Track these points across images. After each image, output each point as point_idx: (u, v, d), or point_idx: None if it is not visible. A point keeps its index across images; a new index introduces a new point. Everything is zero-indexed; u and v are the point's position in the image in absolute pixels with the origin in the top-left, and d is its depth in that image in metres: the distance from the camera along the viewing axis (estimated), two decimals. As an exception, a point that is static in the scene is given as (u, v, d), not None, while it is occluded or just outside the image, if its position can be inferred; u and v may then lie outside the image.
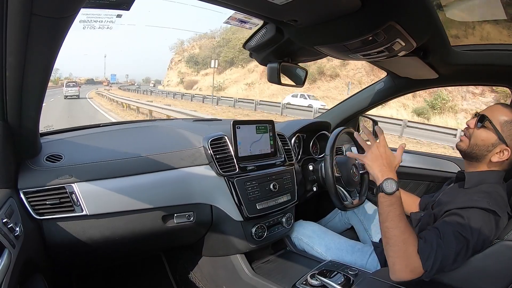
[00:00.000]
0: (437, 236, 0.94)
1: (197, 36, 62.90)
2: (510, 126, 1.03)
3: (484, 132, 1.06)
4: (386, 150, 1.10)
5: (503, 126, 1.04)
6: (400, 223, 0.96)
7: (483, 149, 1.07)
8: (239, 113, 18.02)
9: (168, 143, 1.39)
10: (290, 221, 1.59)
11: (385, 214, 1.00)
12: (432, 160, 1.93)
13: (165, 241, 1.45)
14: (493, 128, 1.04)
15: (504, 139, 1.03)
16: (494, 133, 1.04)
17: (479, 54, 1.33)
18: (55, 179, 1.08)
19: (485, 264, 0.96)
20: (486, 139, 1.06)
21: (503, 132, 1.03)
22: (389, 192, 1.00)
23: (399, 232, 0.95)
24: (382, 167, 1.06)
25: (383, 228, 1.00)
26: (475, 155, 1.09)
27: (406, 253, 0.93)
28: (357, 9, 0.84)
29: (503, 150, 1.04)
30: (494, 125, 1.04)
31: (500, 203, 0.98)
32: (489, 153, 1.06)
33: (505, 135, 1.03)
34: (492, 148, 1.06)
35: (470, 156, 1.11)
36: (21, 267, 0.84)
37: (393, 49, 1.08)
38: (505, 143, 1.03)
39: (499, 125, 1.04)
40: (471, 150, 1.10)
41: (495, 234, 0.96)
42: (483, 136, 1.07)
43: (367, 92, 2.02)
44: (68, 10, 0.70)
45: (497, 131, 1.04)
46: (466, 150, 1.11)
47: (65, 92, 28.49)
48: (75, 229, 1.11)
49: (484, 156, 1.07)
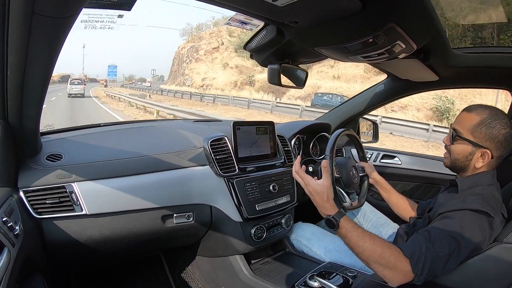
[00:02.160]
0: (426, 240, 0.94)
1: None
2: (479, 129, 1.03)
3: (459, 146, 1.07)
4: (312, 185, 1.04)
5: (473, 132, 1.04)
6: (365, 245, 0.96)
7: (463, 161, 1.08)
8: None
9: (168, 143, 1.40)
10: (290, 222, 1.59)
11: (348, 245, 1.00)
12: (432, 162, 1.93)
13: (164, 241, 1.45)
14: (464, 139, 1.05)
15: (478, 143, 1.03)
16: (467, 143, 1.05)
17: (480, 57, 1.33)
18: (55, 178, 1.08)
19: (484, 266, 0.96)
20: (462, 151, 1.07)
21: (475, 137, 1.04)
22: (333, 229, 1.00)
23: (369, 252, 0.95)
24: (318, 205, 1.04)
25: (356, 255, 1.00)
26: (459, 167, 1.11)
27: (388, 263, 0.93)
28: (357, 11, 0.84)
29: (483, 153, 1.04)
30: (463, 137, 1.05)
31: (493, 204, 0.98)
32: (470, 162, 1.07)
33: (478, 139, 1.03)
34: (471, 156, 1.06)
35: (456, 169, 1.13)
36: (20, 266, 0.84)
37: (394, 51, 1.08)
38: (482, 146, 1.03)
39: (469, 133, 1.05)
40: (454, 164, 1.11)
41: (490, 235, 0.96)
42: (458, 150, 1.08)
43: (367, 94, 2.02)
44: (70, 10, 0.70)
45: (468, 140, 1.05)
46: (451, 166, 1.13)
47: (69, 90, 26.02)
48: (75, 228, 1.12)
49: (467, 165, 1.08)
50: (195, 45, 44.51)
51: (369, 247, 0.95)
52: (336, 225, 0.98)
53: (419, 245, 0.93)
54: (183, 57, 46.21)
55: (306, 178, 1.06)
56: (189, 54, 44.36)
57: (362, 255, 0.97)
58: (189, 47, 45.86)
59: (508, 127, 1.02)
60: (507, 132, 1.02)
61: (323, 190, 1.01)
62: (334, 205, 1.02)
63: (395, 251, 0.94)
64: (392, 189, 1.49)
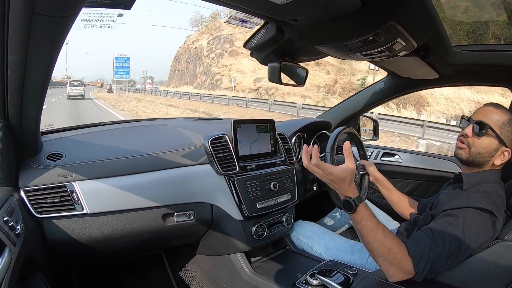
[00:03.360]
0: (429, 238, 0.94)
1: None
2: (507, 128, 1.03)
3: (486, 140, 1.04)
4: (336, 173, 1.00)
5: (501, 129, 1.03)
6: (376, 236, 0.95)
7: (486, 156, 1.05)
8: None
9: (169, 142, 1.40)
10: (290, 220, 1.59)
11: (358, 231, 0.99)
12: (432, 160, 1.93)
13: (165, 240, 1.45)
14: (494, 134, 1.03)
15: (504, 141, 1.03)
16: (495, 139, 1.03)
17: (480, 55, 1.33)
18: (55, 177, 1.08)
19: (485, 264, 0.96)
20: (489, 146, 1.04)
21: (502, 134, 1.03)
22: (350, 212, 0.98)
23: (379, 244, 0.94)
24: (340, 188, 1.01)
25: (364, 244, 0.99)
26: (478, 162, 1.08)
27: (394, 260, 0.93)
28: (357, 9, 0.84)
29: (503, 152, 1.04)
30: (495, 131, 1.03)
31: (498, 203, 0.98)
32: (492, 158, 1.06)
33: (504, 137, 1.03)
34: (494, 153, 1.05)
35: (472, 164, 1.09)
36: (21, 265, 0.84)
37: (394, 49, 1.08)
38: (505, 145, 1.03)
39: (498, 129, 1.03)
40: (474, 158, 1.07)
41: (492, 234, 0.96)
42: (485, 144, 1.05)
43: (367, 92, 2.02)
44: (70, 9, 0.70)
45: (498, 136, 1.03)
46: (468, 159, 1.09)
47: (68, 91, 25.61)
48: (76, 227, 1.12)
49: (487, 161, 1.06)
50: (224, 35, 34.52)
51: (379, 239, 0.94)
52: (354, 209, 0.96)
53: (422, 244, 0.93)
54: (200, 51, 37.75)
55: (328, 169, 1.00)
56: (214, 47, 35.07)
57: (371, 246, 0.96)
58: (211, 38, 36.77)
59: None
60: None
61: (347, 174, 0.98)
62: (356, 188, 1.00)
63: (402, 248, 0.94)
64: (392, 187, 1.49)
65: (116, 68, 34.48)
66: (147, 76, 56.95)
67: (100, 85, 57.67)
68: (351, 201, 0.96)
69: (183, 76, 41.20)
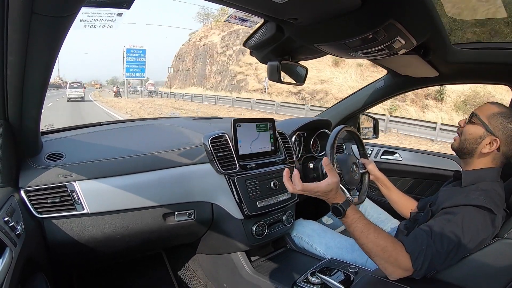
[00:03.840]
0: (427, 235, 0.94)
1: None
2: (496, 118, 1.07)
3: (472, 127, 1.11)
4: (321, 188, 0.99)
5: (490, 118, 1.07)
6: (369, 237, 0.97)
7: (473, 142, 1.10)
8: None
9: (169, 141, 1.40)
10: (291, 219, 1.59)
11: (352, 234, 1.01)
12: (433, 158, 1.94)
13: (165, 239, 1.45)
14: (480, 121, 1.09)
15: (491, 130, 1.06)
16: (482, 126, 1.08)
17: (479, 52, 1.33)
18: (56, 177, 1.08)
19: (485, 262, 0.96)
20: (474, 132, 1.10)
21: (490, 124, 1.07)
22: (339, 217, 1.00)
23: (373, 244, 0.96)
24: (324, 198, 1.01)
25: (359, 246, 1.01)
26: (466, 150, 1.12)
27: (390, 257, 0.94)
28: (357, 7, 0.84)
29: (492, 141, 1.06)
30: (480, 118, 1.09)
31: (497, 201, 0.98)
32: (478, 146, 1.09)
33: (493, 127, 1.06)
34: (480, 140, 1.08)
35: (462, 152, 1.15)
36: (22, 266, 0.84)
37: (393, 47, 1.08)
38: (493, 134, 1.06)
39: (485, 118, 1.08)
40: (462, 145, 1.13)
41: (491, 232, 0.96)
42: (471, 130, 1.11)
43: (367, 90, 2.02)
44: (69, 9, 0.70)
45: (483, 123, 1.08)
46: (458, 147, 1.15)
47: (68, 93, 24.93)
48: (76, 227, 1.12)
49: (474, 149, 1.10)
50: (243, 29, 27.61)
51: (372, 239, 0.96)
52: (342, 213, 0.98)
53: (421, 241, 0.94)
54: (212, 48, 33.37)
55: (314, 188, 0.99)
56: (231, 43, 30.64)
57: (365, 247, 0.98)
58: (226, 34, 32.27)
59: None
60: None
61: (332, 187, 0.99)
62: (342, 194, 1.02)
63: (397, 245, 0.95)
64: (392, 186, 1.49)
65: (127, 64, 27.00)
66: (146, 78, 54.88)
67: (98, 86, 56.24)
68: (338, 206, 0.98)
69: (188, 76, 38.24)
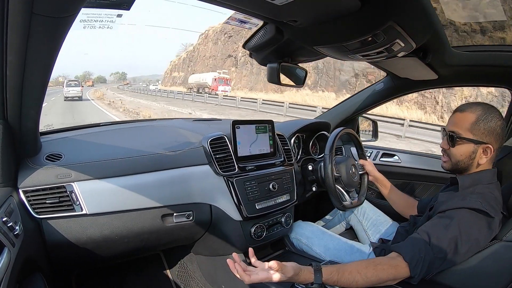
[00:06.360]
0: (425, 242, 0.95)
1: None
2: (477, 126, 1.03)
3: (460, 147, 1.07)
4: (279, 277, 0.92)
5: (472, 130, 1.04)
6: (358, 282, 0.93)
7: (467, 160, 1.07)
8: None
9: (168, 142, 1.40)
10: (289, 221, 1.59)
11: (343, 286, 0.95)
12: (431, 161, 1.94)
13: (164, 240, 1.45)
14: (465, 139, 1.05)
15: (479, 140, 1.03)
16: (469, 142, 1.05)
17: (479, 55, 1.33)
18: (54, 178, 1.08)
19: (484, 264, 0.96)
20: (465, 152, 1.06)
21: (475, 135, 1.03)
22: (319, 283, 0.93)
23: (366, 283, 0.93)
24: (294, 278, 0.93)
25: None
26: (462, 168, 1.10)
27: (388, 279, 0.94)
28: (356, 10, 0.85)
29: (485, 149, 1.04)
30: (463, 137, 1.05)
31: (494, 204, 0.98)
32: (474, 160, 1.07)
33: (479, 136, 1.03)
34: (474, 155, 1.06)
35: (458, 170, 1.12)
36: (20, 266, 0.84)
37: (393, 50, 1.08)
38: (483, 142, 1.03)
39: (468, 132, 1.04)
40: (457, 166, 1.10)
41: (488, 235, 0.96)
42: (461, 151, 1.07)
43: (366, 92, 2.02)
44: (69, 10, 0.70)
45: (469, 139, 1.04)
46: (452, 168, 1.12)
47: (65, 92, 23.93)
48: (75, 228, 1.12)
49: (470, 164, 1.08)
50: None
51: (362, 281, 0.93)
52: (319, 280, 0.92)
53: (418, 248, 0.94)
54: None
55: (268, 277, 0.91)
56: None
57: (358, 284, 0.94)
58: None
59: (501, 118, 1.04)
60: (502, 123, 1.04)
61: (290, 274, 0.91)
62: (307, 269, 0.94)
63: (387, 266, 0.94)
64: (392, 186, 1.50)
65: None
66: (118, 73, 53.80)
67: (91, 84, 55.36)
68: (310, 284, 0.93)
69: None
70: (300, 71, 1.48)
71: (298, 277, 0.92)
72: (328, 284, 0.94)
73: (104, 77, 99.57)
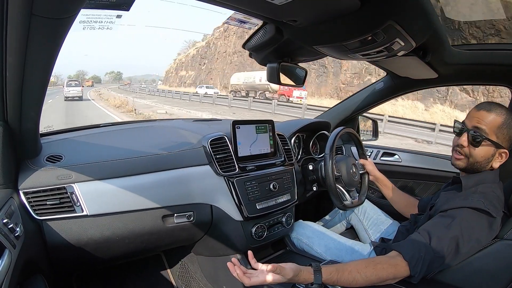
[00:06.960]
0: (426, 241, 0.95)
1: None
2: (503, 130, 1.00)
3: (483, 149, 1.02)
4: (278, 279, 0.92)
5: (497, 132, 1.00)
6: (358, 281, 0.93)
7: (484, 163, 1.04)
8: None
9: (168, 143, 1.40)
10: (290, 221, 1.59)
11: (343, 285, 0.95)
12: (432, 160, 1.94)
13: (165, 241, 1.45)
14: (490, 141, 1.01)
15: (501, 145, 1.01)
16: (492, 146, 1.02)
17: (479, 54, 1.33)
18: (55, 179, 1.08)
19: (485, 263, 0.96)
20: (486, 154, 1.03)
21: (498, 138, 1.01)
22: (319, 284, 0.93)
23: (366, 282, 0.93)
24: (294, 279, 0.93)
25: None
26: (477, 169, 1.06)
27: (388, 278, 0.94)
28: (356, 9, 0.85)
29: (501, 153, 1.03)
30: (489, 139, 1.01)
31: (496, 204, 0.98)
32: (489, 163, 1.05)
33: (501, 140, 1.01)
34: (492, 158, 1.04)
35: (471, 171, 1.08)
36: (21, 268, 0.84)
37: (393, 49, 1.08)
38: (502, 147, 1.02)
39: (493, 135, 1.01)
40: (472, 166, 1.06)
41: (490, 235, 0.96)
42: (482, 153, 1.03)
43: (366, 91, 2.02)
44: (68, 11, 0.70)
45: (494, 142, 1.01)
46: (466, 167, 1.08)
47: (65, 92, 23.42)
48: (75, 229, 1.11)
49: (485, 166, 1.05)
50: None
51: (361, 280, 0.93)
52: (319, 280, 0.92)
53: (418, 247, 0.94)
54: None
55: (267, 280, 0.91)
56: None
57: (358, 283, 0.94)
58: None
59: None
60: None
61: (289, 275, 0.91)
62: (307, 269, 0.94)
63: (388, 265, 0.94)
64: (392, 185, 1.49)
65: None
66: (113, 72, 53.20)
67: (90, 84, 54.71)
68: (310, 285, 0.93)
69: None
70: (300, 70, 1.48)
71: (298, 278, 0.93)
72: (328, 284, 0.94)
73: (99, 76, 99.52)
